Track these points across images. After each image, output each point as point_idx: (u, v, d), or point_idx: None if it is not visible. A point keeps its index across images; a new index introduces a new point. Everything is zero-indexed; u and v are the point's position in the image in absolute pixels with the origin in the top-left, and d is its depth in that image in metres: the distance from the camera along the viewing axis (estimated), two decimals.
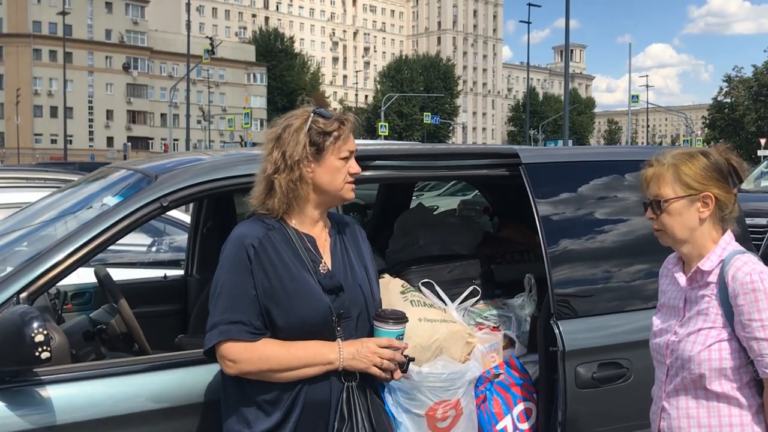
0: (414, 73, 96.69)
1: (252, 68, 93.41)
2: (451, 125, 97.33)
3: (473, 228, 4.04)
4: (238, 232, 2.19)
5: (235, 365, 2.09)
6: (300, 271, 2.16)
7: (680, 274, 2.21)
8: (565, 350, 2.86)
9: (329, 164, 2.21)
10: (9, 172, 8.22)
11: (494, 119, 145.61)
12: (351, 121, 2.27)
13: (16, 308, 2.11)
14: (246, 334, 2.09)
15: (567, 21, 28.59)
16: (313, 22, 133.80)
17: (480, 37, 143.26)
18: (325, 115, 2.22)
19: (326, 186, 2.22)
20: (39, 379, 2.25)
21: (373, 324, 2.24)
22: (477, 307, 3.40)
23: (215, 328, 2.11)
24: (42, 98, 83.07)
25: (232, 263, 2.14)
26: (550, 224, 3.02)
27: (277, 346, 2.11)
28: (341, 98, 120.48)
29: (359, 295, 2.26)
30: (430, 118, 60.39)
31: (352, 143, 2.26)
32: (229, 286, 2.12)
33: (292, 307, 2.12)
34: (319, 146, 2.19)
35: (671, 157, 2.19)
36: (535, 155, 3.20)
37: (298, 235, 2.21)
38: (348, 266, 2.29)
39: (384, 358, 2.16)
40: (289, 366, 2.10)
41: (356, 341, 2.18)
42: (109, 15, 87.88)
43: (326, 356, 2.12)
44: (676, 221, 2.15)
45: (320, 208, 2.27)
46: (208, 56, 41.14)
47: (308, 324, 2.13)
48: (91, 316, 2.92)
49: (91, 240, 2.41)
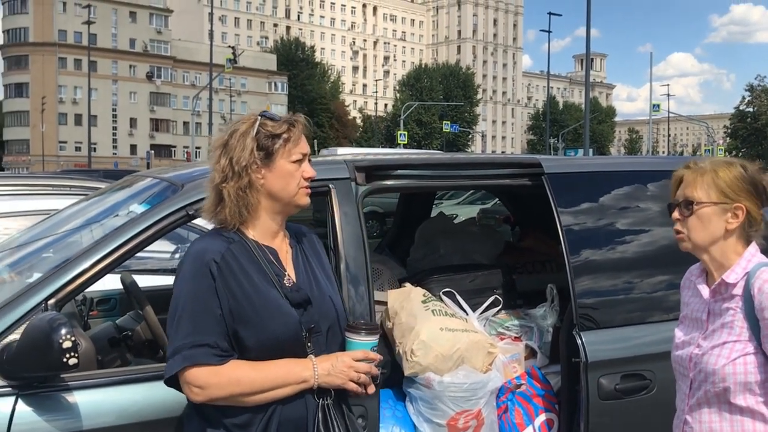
0: (433, 81, 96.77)
1: (273, 77, 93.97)
2: (471, 134, 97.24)
3: (494, 237, 4.04)
4: (197, 248, 2.04)
5: (203, 392, 1.95)
6: (266, 286, 2.03)
7: (703, 286, 2.18)
8: (588, 361, 2.84)
9: (280, 169, 2.07)
10: (34, 179, 8.31)
11: (514, 128, 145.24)
12: (302, 123, 2.14)
13: (45, 315, 2.13)
14: (213, 357, 1.95)
15: (588, 30, 28.51)
16: (333, 32, 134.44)
17: (500, 46, 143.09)
18: (273, 118, 2.10)
19: (279, 192, 2.09)
20: (66, 385, 2.27)
21: (344, 336, 2.11)
22: (498, 316, 3.40)
23: (178, 353, 1.95)
24: (67, 106, 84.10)
25: (193, 281, 1.98)
26: (572, 234, 3.01)
27: (248, 367, 1.97)
28: (361, 107, 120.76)
29: (329, 307, 2.14)
30: (450, 126, 60.32)
31: (304, 146, 2.13)
32: (192, 307, 1.97)
33: (262, 326, 1.98)
34: (268, 150, 2.06)
35: (710, 162, 2.17)
36: (558, 165, 3.20)
37: (259, 247, 2.08)
38: (312, 278, 2.17)
39: (360, 371, 2.04)
40: (261, 388, 1.96)
41: (330, 356, 2.05)
42: (133, 24, 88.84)
43: (300, 374, 1.99)
44: (702, 226, 2.12)
45: (277, 217, 2.13)
46: (231, 65, 41.41)
47: (280, 342, 2.00)
48: (116, 323, 2.96)
49: (118, 248, 2.43)
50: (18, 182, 7.30)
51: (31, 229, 3.22)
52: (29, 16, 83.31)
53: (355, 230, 2.74)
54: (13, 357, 2.15)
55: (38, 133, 78.22)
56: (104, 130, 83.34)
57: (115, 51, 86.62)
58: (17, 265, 2.84)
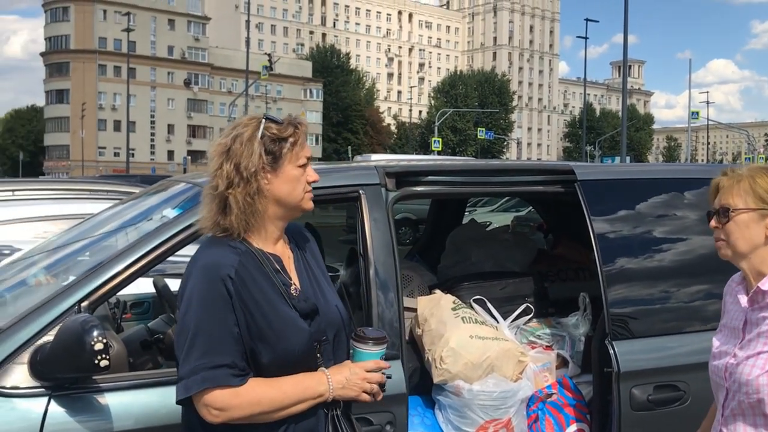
0: (468, 88, 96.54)
1: (308, 84, 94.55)
2: (506, 140, 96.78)
3: (526, 245, 4.01)
4: (207, 261, 1.94)
5: (222, 413, 1.88)
6: (277, 299, 1.96)
7: (742, 295, 2.14)
8: (620, 371, 2.80)
9: (287, 174, 2.00)
10: (73, 183, 8.46)
11: (549, 135, 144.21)
12: (305, 126, 2.07)
13: (77, 317, 2.16)
14: (232, 378, 1.88)
15: (625, 36, 28.22)
16: (369, 39, 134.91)
17: (536, 53, 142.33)
18: (278, 120, 2.02)
19: (285, 197, 2.01)
20: (98, 387, 2.30)
21: (351, 345, 2.06)
22: (530, 325, 3.37)
23: (195, 374, 1.86)
24: (106, 112, 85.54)
25: (208, 298, 1.89)
26: (605, 242, 2.98)
27: (266, 386, 1.92)
28: (395, 113, 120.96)
29: (335, 315, 2.08)
30: (484, 133, 60.11)
31: (308, 149, 2.06)
32: (208, 325, 1.88)
33: (278, 342, 1.93)
34: (276, 154, 1.98)
35: (748, 169, 2.13)
36: (591, 172, 3.17)
37: (265, 256, 2.00)
38: (316, 284, 2.10)
39: (372, 382, 2.01)
40: (280, 406, 1.92)
41: (342, 368, 2.01)
42: (172, 32, 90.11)
43: (316, 389, 1.95)
44: (741, 233, 2.07)
45: (280, 223, 2.06)
46: (266, 72, 41.70)
47: (294, 356, 1.95)
48: (149, 326, 2.99)
49: (150, 252, 2.46)
50: (57, 186, 7.45)
51: (66, 233, 3.27)
52: (71, 23, 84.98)
53: (385, 236, 2.74)
54: (46, 358, 2.19)
55: (78, 138, 79.65)
56: (142, 136, 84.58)
57: (154, 58, 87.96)
58: (53, 267, 2.89)
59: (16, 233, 5.34)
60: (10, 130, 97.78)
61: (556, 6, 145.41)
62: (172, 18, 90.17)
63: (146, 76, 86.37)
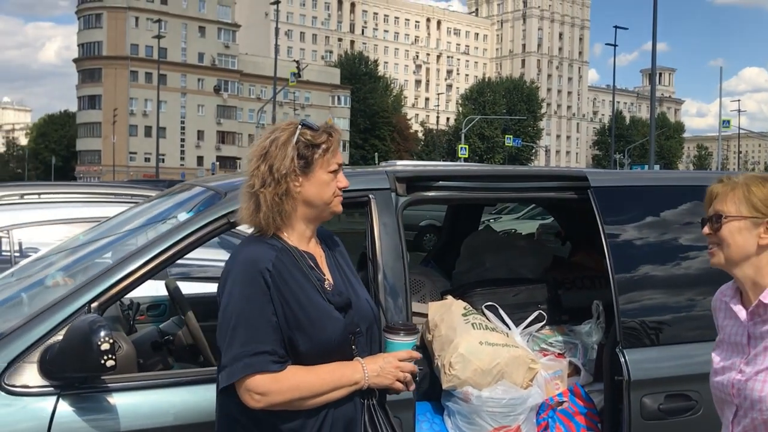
0: (497, 95, 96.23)
1: (336, 91, 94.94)
2: (534, 148, 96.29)
3: (542, 252, 3.98)
4: (247, 256, 2.06)
5: (264, 398, 1.97)
6: (313, 292, 2.07)
7: (739, 308, 2.08)
8: (631, 380, 2.78)
9: (318, 178, 2.11)
10: (99, 187, 8.60)
11: (579, 143, 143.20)
12: (339, 134, 2.19)
13: (86, 317, 2.20)
14: (273, 364, 1.99)
15: (654, 42, 27.97)
16: (397, 46, 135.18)
17: (565, 60, 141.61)
18: (313, 127, 2.14)
19: (314, 200, 2.12)
20: (106, 386, 2.34)
21: (384, 337, 2.17)
22: (542, 332, 3.35)
23: (238, 361, 1.97)
24: (137, 118, 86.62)
25: (248, 289, 2.00)
26: (618, 249, 2.96)
27: (305, 372, 2.02)
28: (423, 120, 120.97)
29: (366, 309, 2.20)
30: (512, 140, 59.86)
31: (339, 156, 2.17)
32: (249, 314, 1.99)
33: (315, 332, 2.03)
34: (308, 159, 2.10)
35: (744, 177, 2.10)
36: (605, 179, 3.15)
37: (300, 253, 2.11)
38: (347, 280, 2.22)
39: (405, 371, 2.12)
40: (319, 392, 2.01)
41: (377, 357, 2.12)
42: (202, 39, 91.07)
43: (352, 377, 2.05)
44: (732, 240, 2.03)
45: (311, 224, 2.17)
46: (294, 79, 42.03)
47: (330, 345, 2.05)
48: (160, 327, 3.02)
49: (160, 254, 2.49)
50: (83, 190, 7.57)
51: (82, 235, 3.32)
52: (103, 30, 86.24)
53: (394, 241, 2.74)
54: (54, 357, 2.23)
55: (109, 144, 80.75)
56: (172, 142, 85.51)
57: (184, 65, 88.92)
58: (69, 268, 2.93)
59: (41, 235, 5.42)
60: (43, 135, 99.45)
61: (585, 13, 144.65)
62: (202, 25, 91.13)
63: (177, 83, 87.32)
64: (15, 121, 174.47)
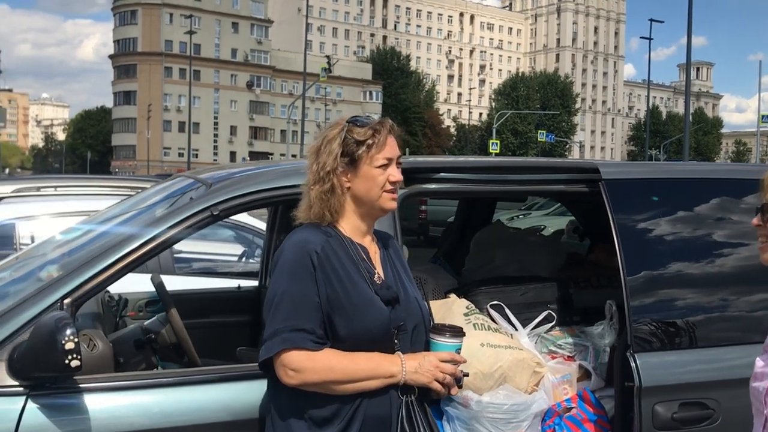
0: (530, 90, 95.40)
1: (368, 86, 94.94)
2: (568, 144, 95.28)
3: (555, 248, 3.80)
4: (299, 237, 2.12)
5: (297, 375, 2.01)
6: (359, 280, 2.11)
7: None
8: (642, 386, 2.59)
9: (364, 173, 2.14)
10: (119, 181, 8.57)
11: (614, 138, 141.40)
12: (388, 128, 2.19)
13: (53, 314, 2.09)
14: (310, 342, 2.02)
15: (689, 36, 27.40)
16: (430, 41, 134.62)
17: (600, 54, 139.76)
18: (360, 124, 2.17)
19: (363, 196, 2.16)
20: (78, 387, 2.22)
21: (429, 338, 2.20)
22: (551, 333, 3.16)
23: (277, 335, 2.02)
24: (171, 113, 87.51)
25: (295, 269, 2.06)
26: (630, 246, 2.77)
27: (340, 356, 2.05)
28: (455, 116, 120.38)
29: (415, 307, 2.21)
30: (545, 135, 59.22)
31: (390, 150, 2.17)
32: (292, 293, 2.04)
33: (355, 317, 2.06)
34: (352, 156, 2.14)
35: None
36: (618, 171, 2.96)
37: (353, 244, 2.16)
38: (398, 279, 2.24)
39: (446, 372, 2.11)
40: (352, 377, 2.03)
41: (417, 355, 2.13)
42: (235, 35, 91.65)
43: (389, 369, 2.06)
44: None
45: (365, 219, 2.22)
46: (325, 75, 42.06)
47: (370, 334, 2.07)
48: (144, 325, 2.91)
49: (138, 248, 2.38)
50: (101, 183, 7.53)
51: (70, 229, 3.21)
52: (138, 26, 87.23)
53: None
54: (21, 356, 2.12)
55: (144, 139, 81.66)
56: (206, 137, 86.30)
57: (218, 60, 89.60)
58: (49, 263, 2.82)
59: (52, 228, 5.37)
60: (80, 131, 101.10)
61: (621, 7, 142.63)
62: (235, 21, 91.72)
63: (210, 78, 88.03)
64: (54, 116, 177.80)
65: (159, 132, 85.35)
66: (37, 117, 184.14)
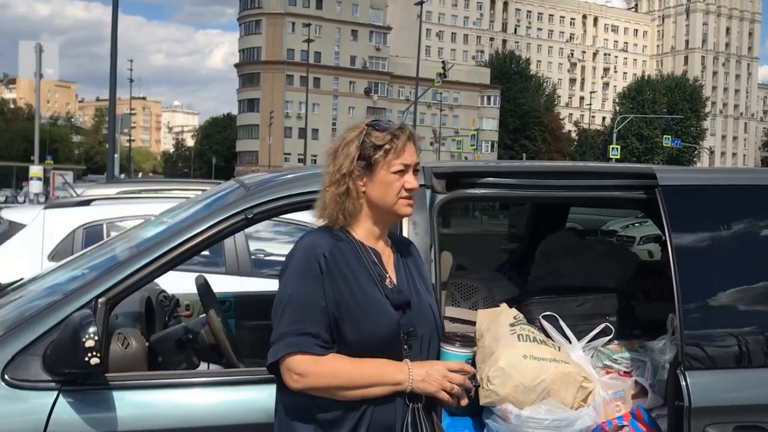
0: (657, 94, 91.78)
1: (486, 91, 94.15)
2: (697, 149, 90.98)
3: (625, 258, 3.61)
4: (308, 241, 2.11)
5: (302, 379, 2.00)
6: (369, 284, 2.09)
7: None
8: (692, 406, 2.42)
9: (380, 178, 2.12)
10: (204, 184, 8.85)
11: (746, 144, 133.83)
12: (407, 134, 2.15)
13: (80, 313, 2.17)
14: (315, 347, 2.01)
15: None
16: (551, 44, 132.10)
17: (732, 56, 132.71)
18: (379, 128, 2.14)
19: (378, 201, 2.13)
20: (108, 384, 2.30)
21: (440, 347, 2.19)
22: (608, 347, 3.00)
23: (283, 339, 2.02)
24: (292, 120, 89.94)
25: (302, 273, 2.05)
26: (685, 257, 2.59)
27: (346, 361, 2.03)
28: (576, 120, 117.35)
29: (428, 314, 2.17)
30: (670, 141, 56.75)
31: (408, 156, 2.13)
32: (299, 297, 2.04)
33: (363, 321, 2.04)
34: (369, 160, 2.11)
35: None
36: (677, 177, 2.78)
37: (364, 248, 2.14)
38: (412, 284, 2.21)
39: (454, 382, 2.08)
40: (357, 383, 2.01)
41: (425, 363, 2.09)
42: (354, 42, 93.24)
43: (395, 376, 2.03)
44: None
45: (379, 224, 2.19)
46: (440, 80, 42.11)
47: (378, 339, 2.05)
48: (186, 325, 2.98)
49: (173, 249, 2.44)
50: (192, 187, 7.80)
51: (131, 231, 3.34)
52: (262, 36, 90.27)
53: (424, 242, 2.53)
54: (51, 352, 2.21)
55: (266, 145, 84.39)
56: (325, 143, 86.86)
57: (337, 68, 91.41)
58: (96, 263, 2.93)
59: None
60: (207, 137, 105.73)
61: (756, 6, 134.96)
62: (355, 29, 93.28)
63: (329, 86, 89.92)
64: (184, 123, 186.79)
65: (280, 138, 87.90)
66: (168, 124, 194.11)
